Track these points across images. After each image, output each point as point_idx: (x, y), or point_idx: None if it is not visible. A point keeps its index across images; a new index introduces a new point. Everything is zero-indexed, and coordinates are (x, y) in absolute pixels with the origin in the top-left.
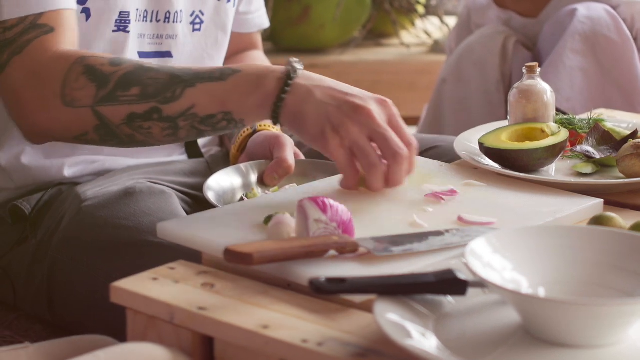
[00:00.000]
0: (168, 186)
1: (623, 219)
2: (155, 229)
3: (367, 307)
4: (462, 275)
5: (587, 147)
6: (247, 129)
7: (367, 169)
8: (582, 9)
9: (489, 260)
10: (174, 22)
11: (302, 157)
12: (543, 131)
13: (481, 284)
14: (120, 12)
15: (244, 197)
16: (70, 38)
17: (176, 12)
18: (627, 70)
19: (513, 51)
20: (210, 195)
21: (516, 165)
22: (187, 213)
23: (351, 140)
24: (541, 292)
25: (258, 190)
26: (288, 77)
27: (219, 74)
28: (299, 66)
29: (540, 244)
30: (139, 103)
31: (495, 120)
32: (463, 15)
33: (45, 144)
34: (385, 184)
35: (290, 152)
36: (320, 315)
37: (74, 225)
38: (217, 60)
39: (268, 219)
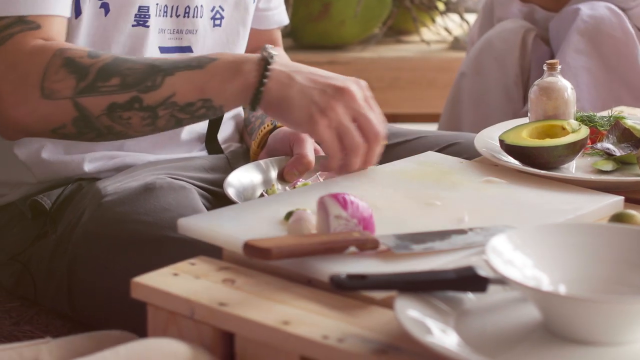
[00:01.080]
0: (188, 182)
1: None
2: (176, 225)
3: (388, 304)
4: (483, 272)
5: (607, 145)
6: (268, 125)
7: (351, 149)
8: (585, 8)
9: (510, 257)
10: (194, 17)
11: (322, 153)
12: (564, 128)
13: (502, 281)
14: (140, 7)
15: (264, 194)
16: (56, 38)
17: (196, 6)
18: (632, 67)
19: (532, 46)
20: (231, 192)
21: (537, 163)
22: (207, 209)
23: (337, 122)
24: (562, 290)
25: (278, 187)
26: (266, 62)
27: (197, 62)
28: (274, 52)
29: (560, 241)
30: (120, 93)
31: (512, 114)
32: (486, 8)
33: None
34: (362, 165)
35: (311, 148)
36: (340, 311)
37: (94, 221)
38: None
39: (289, 215)
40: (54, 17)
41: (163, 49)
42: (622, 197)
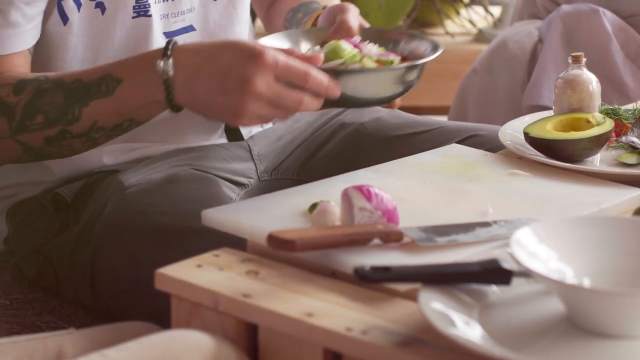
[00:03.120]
0: (210, 172)
1: None
2: (199, 216)
3: (412, 296)
4: (507, 264)
5: (632, 138)
6: (320, 10)
7: (296, 108)
8: (566, 7)
9: (534, 250)
10: None
11: (368, 25)
12: (588, 121)
13: (526, 273)
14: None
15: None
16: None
17: None
18: (610, 64)
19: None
20: None
21: (561, 155)
22: (230, 199)
23: (255, 115)
24: (586, 283)
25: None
26: (165, 82)
27: (105, 88)
28: (167, 65)
29: (585, 234)
30: (48, 129)
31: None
32: None
33: None
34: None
35: (353, 16)
36: (364, 303)
37: (117, 212)
38: (241, 27)
39: (313, 207)
40: (10, 57)
41: (168, 34)
42: None
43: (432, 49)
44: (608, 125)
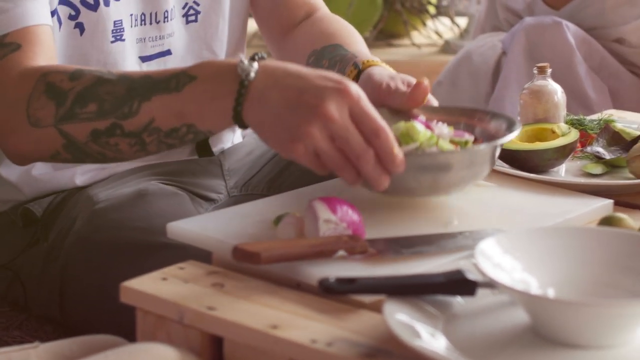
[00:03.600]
0: (180, 187)
1: (633, 220)
2: (167, 229)
3: (377, 308)
4: (472, 275)
5: (597, 148)
6: (352, 70)
7: (337, 171)
8: (529, 20)
9: (499, 260)
10: (171, 19)
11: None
12: (553, 132)
13: (491, 284)
14: (115, 22)
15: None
16: (40, 53)
17: (166, 10)
18: (573, 75)
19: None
20: None
21: (526, 166)
22: (198, 214)
23: (313, 146)
24: (551, 293)
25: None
26: (241, 81)
27: (175, 84)
28: (252, 66)
29: (550, 244)
30: (99, 120)
31: None
32: None
33: None
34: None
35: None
36: (329, 315)
37: (86, 228)
38: (218, 52)
39: (278, 219)
40: (33, 27)
41: (144, 58)
42: (612, 201)
43: (506, 125)
44: (573, 135)
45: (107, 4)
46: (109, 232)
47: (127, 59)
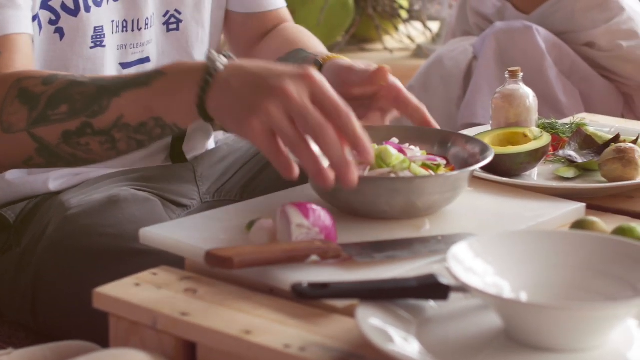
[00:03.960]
0: (152, 192)
1: (605, 223)
2: (139, 235)
3: (350, 312)
4: (444, 279)
5: (569, 152)
6: (312, 67)
7: (292, 149)
8: (500, 24)
9: (471, 264)
10: (151, 26)
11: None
12: (525, 135)
13: (463, 288)
14: (95, 28)
15: None
16: (18, 61)
17: (147, 17)
18: (543, 80)
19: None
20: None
21: (499, 170)
22: (171, 219)
23: (269, 122)
24: (523, 297)
25: None
26: (207, 72)
27: (145, 79)
28: (221, 59)
29: (522, 248)
30: (70, 120)
31: None
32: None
33: None
34: (336, 172)
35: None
36: (302, 320)
37: (58, 234)
38: (198, 60)
39: (251, 225)
40: (14, 36)
41: (124, 65)
42: (584, 204)
43: (479, 150)
44: (545, 139)
45: (87, 9)
46: (81, 238)
47: (107, 65)
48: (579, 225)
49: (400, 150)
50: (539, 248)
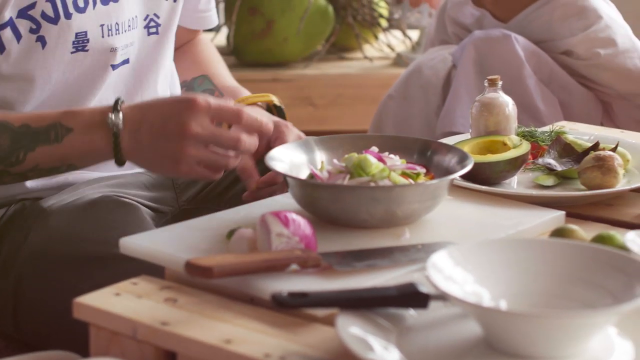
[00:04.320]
0: (132, 199)
1: (585, 231)
2: (119, 244)
3: (330, 321)
4: (424, 288)
5: (548, 160)
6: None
7: (225, 166)
8: (478, 33)
9: (451, 273)
10: (133, 29)
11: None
12: (505, 144)
13: (443, 297)
14: (76, 34)
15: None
16: None
17: (133, 17)
18: (522, 88)
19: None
20: (279, 167)
21: (478, 178)
22: (152, 227)
23: (197, 161)
24: (503, 305)
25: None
26: (114, 134)
27: (54, 136)
28: (118, 117)
29: (502, 256)
30: None
31: None
32: (441, 8)
33: None
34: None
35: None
36: (282, 329)
37: (40, 240)
38: (166, 64)
39: (231, 234)
40: None
41: (114, 66)
42: (563, 212)
43: (458, 159)
44: (525, 147)
45: (68, 16)
46: (61, 244)
47: (88, 68)
48: (559, 233)
49: (380, 159)
50: (518, 256)
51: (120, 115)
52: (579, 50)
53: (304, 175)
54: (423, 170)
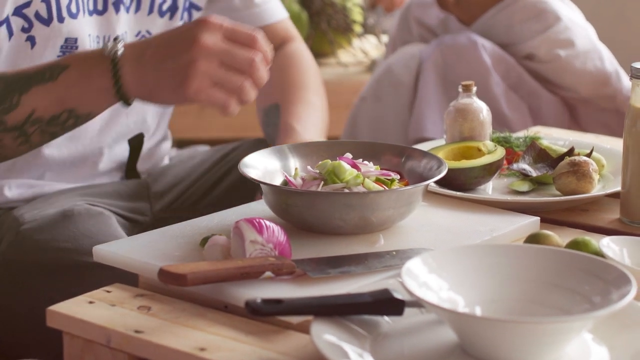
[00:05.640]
0: (106, 208)
1: (560, 237)
2: (93, 252)
3: (304, 328)
4: (399, 295)
5: (523, 165)
6: None
7: (235, 91)
8: (445, 39)
9: (426, 279)
10: None
11: None
12: (480, 149)
13: (418, 303)
14: (66, 39)
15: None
16: None
17: (124, 32)
18: (490, 96)
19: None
20: (253, 174)
21: (453, 184)
22: (125, 236)
23: (208, 78)
24: (478, 311)
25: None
26: (113, 56)
27: (49, 74)
28: (117, 45)
29: (476, 262)
30: None
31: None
32: (404, 6)
33: None
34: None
35: None
36: (257, 336)
37: (13, 249)
38: None
39: (204, 241)
40: None
41: None
42: (538, 218)
43: (435, 165)
44: (499, 153)
45: (61, 20)
46: (35, 253)
47: None
48: (534, 238)
49: (354, 166)
50: (493, 262)
51: (121, 43)
52: (539, 53)
53: (277, 182)
54: (397, 177)
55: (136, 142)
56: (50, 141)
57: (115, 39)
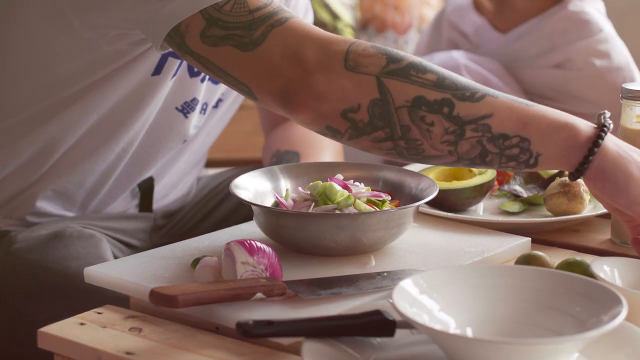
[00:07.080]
0: (99, 231)
1: (550, 257)
2: (84, 274)
3: (296, 350)
4: (390, 316)
5: (514, 186)
6: None
7: None
8: (437, 56)
9: (417, 300)
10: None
11: None
12: (470, 170)
13: (409, 324)
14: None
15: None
16: None
17: (205, 102)
18: None
19: None
20: (244, 195)
21: (444, 205)
22: (117, 258)
23: None
24: (469, 332)
25: (292, 194)
26: (599, 136)
27: (522, 100)
28: (607, 126)
29: (468, 283)
30: (432, 89)
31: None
32: (436, 20)
33: None
34: None
35: None
36: (248, 358)
37: (3, 268)
38: (213, 133)
39: (195, 262)
40: None
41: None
42: (529, 239)
43: (424, 185)
44: (490, 174)
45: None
46: (25, 274)
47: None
48: (525, 259)
49: (345, 187)
50: (484, 283)
51: (608, 122)
52: (577, 58)
53: (269, 203)
54: (388, 198)
55: (146, 185)
56: (472, 166)
57: (603, 121)
